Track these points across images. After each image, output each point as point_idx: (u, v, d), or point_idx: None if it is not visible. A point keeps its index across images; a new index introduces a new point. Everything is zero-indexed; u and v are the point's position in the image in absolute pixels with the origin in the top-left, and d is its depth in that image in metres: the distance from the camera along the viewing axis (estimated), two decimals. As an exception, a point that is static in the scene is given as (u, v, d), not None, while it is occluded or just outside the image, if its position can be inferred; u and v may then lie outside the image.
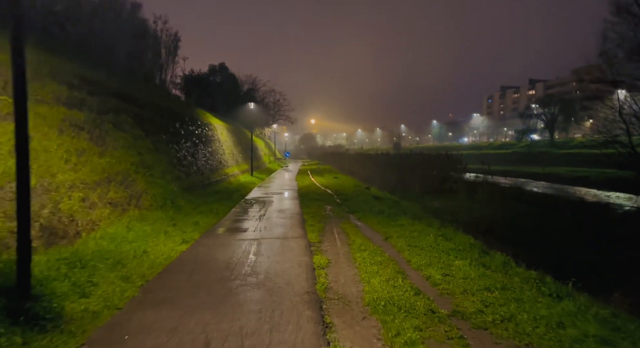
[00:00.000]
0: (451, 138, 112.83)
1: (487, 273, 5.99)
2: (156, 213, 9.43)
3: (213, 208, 11.77)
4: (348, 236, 8.63)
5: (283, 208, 12.87)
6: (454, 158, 33.60)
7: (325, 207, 13.17)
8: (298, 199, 15.18)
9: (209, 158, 19.67)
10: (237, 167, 25.40)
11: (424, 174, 30.65)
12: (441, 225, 10.07)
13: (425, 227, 9.30)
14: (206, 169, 18.28)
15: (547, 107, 76.64)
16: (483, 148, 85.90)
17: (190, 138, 17.57)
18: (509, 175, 46.92)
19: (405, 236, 8.40)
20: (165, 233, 8.23)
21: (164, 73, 24.98)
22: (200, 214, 10.75)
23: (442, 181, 28.71)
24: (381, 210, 12.20)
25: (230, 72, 38.80)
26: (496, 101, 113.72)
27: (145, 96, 14.92)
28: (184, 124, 17.50)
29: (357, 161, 45.34)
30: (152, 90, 19.26)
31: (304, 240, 8.24)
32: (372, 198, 16.59)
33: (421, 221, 10.53)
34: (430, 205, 20.39)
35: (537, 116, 76.84)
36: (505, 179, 40.29)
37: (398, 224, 9.81)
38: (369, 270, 6.10)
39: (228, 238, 8.33)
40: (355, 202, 14.69)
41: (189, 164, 15.96)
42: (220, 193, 15.90)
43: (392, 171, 34.79)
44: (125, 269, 5.84)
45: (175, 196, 11.23)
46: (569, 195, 30.52)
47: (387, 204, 14.10)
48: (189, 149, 16.75)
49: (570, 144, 69.29)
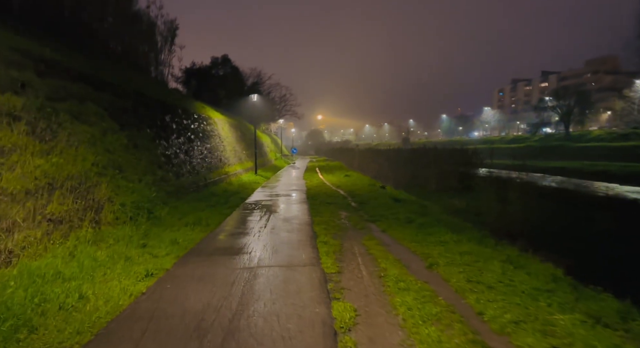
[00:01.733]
0: (461, 133, 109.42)
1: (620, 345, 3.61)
2: (122, 229, 7.15)
3: (203, 218, 9.47)
4: (375, 260, 6.27)
5: (289, 216, 10.53)
6: (470, 152, 31.23)
7: (340, 213, 10.83)
8: (307, 203, 12.84)
9: (207, 155, 17.39)
10: (239, 165, 23.12)
11: (441, 171, 28.24)
12: (496, 242, 7.63)
13: (478, 246, 6.90)
14: (202, 168, 16.01)
15: (562, 99, 73.16)
16: (495, 142, 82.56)
17: (183, 133, 15.30)
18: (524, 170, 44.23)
19: (456, 261, 6.02)
20: (127, 260, 5.94)
21: (160, 63, 22.76)
22: (184, 227, 8.45)
23: (461, 177, 26.35)
24: (409, 218, 9.81)
25: (234, 65, 36.43)
26: (507, 94, 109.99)
27: (127, 83, 12.65)
28: (177, 117, 15.22)
29: (367, 157, 42.90)
30: (144, 80, 17.01)
31: (316, 269, 5.88)
32: (392, 200, 14.21)
33: (463, 234, 8.15)
34: (450, 204, 18.00)
35: (552, 109, 73.45)
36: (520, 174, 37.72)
37: (438, 240, 7.41)
38: (423, 335, 3.75)
39: (212, 267, 6.00)
40: (374, 206, 12.33)
41: (181, 163, 13.69)
42: (216, 195, 13.62)
43: (405, 168, 32.45)
44: (27, 341, 3.56)
45: (155, 204, 8.94)
46: (595, 191, 27.89)
47: (412, 209, 11.71)
48: (181, 146, 14.47)
49: (588, 137, 66.32)
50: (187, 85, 34.56)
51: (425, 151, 36.25)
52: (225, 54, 35.78)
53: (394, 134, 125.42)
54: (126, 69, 17.16)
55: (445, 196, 21.06)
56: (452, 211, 17.42)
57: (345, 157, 49.97)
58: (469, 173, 28.34)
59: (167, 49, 23.03)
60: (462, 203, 19.04)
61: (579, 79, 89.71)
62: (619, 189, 28.10)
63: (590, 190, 28.48)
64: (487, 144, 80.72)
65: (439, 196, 21.10)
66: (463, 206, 18.50)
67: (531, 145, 70.11)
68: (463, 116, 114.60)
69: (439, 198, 20.10)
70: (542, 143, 68.90)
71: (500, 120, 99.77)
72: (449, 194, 21.87)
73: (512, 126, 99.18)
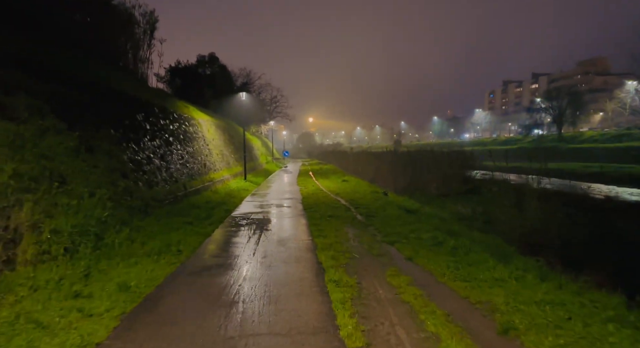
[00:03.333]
0: (452, 135, 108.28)
1: None
2: (49, 269, 4.97)
3: (174, 241, 7.30)
4: (416, 316, 4.19)
5: (284, 237, 8.40)
6: (468, 154, 29.61)
7: (346, 231, 8.76)
8: (304, 217, 10.72)
9: (188, 160, 15.18)
10: (227, 170, 20.90)
11: (442, 174, 26.40)
12: (566, 277, 5.58)
13: (555, 291, 4.87)
14: (183, 175, 13.81)
15: (554, 101, 72.30)
16: (487, 144, 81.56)
17: (160, 135, 13.10)
18: (518, 172, 42.91)
19: (539, 320, 3.97)
20: (37, 329, 3.77)
21: (138, 58, 20.42)
22: (146, 257, 6.28)
23: (463, 181, 24.56)
24: (435, 239, 7.76)
25: (222, 64, 34.09)
26: (498, 96, 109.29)
27: (85, 73, 10.44)
28: (152, 116, 13.01)
29: (362, 160, 40.99)
30: (119, 75, 14.74)
31: (332, 340, 3.78)
32: (402, 210, 12.21)
33: (512, 261, 6.15)
34: (454, 210, 16.14)
35: (545, 110, 72.56)
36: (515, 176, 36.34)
37: (491, 277, 5.36)
38: None
39: (171, 339, 3.86)
40: (384, 219, 10.29)
41: (155, 170, 11.48)
42: (197, 208, 11.43)
43: (403, 171, 30.64)
44: None
45: (109, 226, 6.75)
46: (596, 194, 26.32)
47: (433, 224, 9.68)
48: (156, 150, 12.27)
49: (580, 139, 65.67)
50: (172, 84, 32.25)
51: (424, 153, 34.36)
52: (213, 52, 33.52)
53: (386, 137, 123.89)
54: (99, 63, 14.90)
55: (448, 201, 19.18)
56: (458, 218, 15.59)
57: (338, 160, 48.03)
58: (470, 176, 26.49)
59: (145, 43, 20.76)
60: (466, 208, 17.10)
61: (569, 81, 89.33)
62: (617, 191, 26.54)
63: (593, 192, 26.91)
64: (479, 146, 79.61)
65: (441, 201, 19.22)
66: (469, 213, 16.61)
67: (524, 147, 69.01)
68: (454, 118, 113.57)
69: (441, 203, 18.22)
70: (535, 144, 67.94)
71: (492, 122, 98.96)
72: (451, 198, 19.97)
73: (503, 128, 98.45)
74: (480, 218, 14.89)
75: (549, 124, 76.92)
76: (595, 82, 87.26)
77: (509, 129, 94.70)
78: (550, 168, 50.18)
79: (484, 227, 13.11)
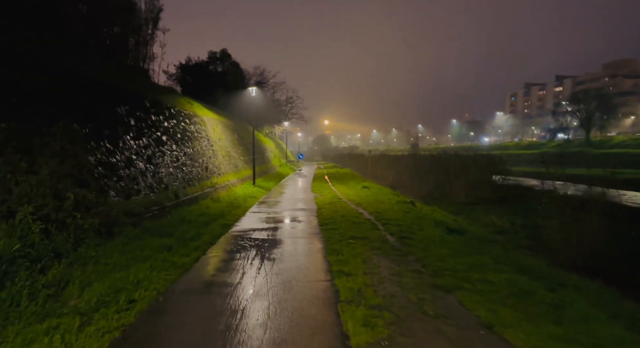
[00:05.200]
0: (472, 138, 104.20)
1: None
2: None
3: (130, 282, 4.94)
4: None
5: (292, 274, 5.91)
6: (497, 159, 26.69)
7: (377, 263, 6.25)
8: (320, 239, 8.23)
9: (185, 162, 12.93)
10: (234, 174, 18.63)
11: (470, 180, 23.56)
12: None
13: None
14: (177, 181, 11.55)
15: (581, 104, 68.03)
16: (510, 148, 77.60)
17: (148, 132, 10.87)
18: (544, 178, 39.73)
19: None
20: None
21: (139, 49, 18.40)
22: (71, 318, 3.93)
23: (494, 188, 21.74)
24: (514, 284, 5.19)
25: (234, 61, 31.93)
26: (520, 99, 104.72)
27: (47, 57, 8.26)
28: (139, 111, 10.80)
29: (381, 163, 38.31)
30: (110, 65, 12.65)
31: None
32: (443, 229, 9.62)
33: None
34: (489, 222, 13.46)
35: (572, 113, 68.41)
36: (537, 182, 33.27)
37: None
38: None
39: None
40: (425, 243, 7.75)
41: (137, 175, 9.22)
42: (188, 222, 9.10)
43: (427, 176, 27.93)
44: None
45: (19, 266, 4.42)
46: None
47: (491, 252, 7.10)
48: (142, 150, 10.03)
49: (610, 144, 61.35)
50: (182, 82, 30.36)
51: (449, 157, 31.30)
52: (225, 48, 31.44)
53: (402, 140, 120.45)
54: (84, 52, 12.83)
55: (478, 210, 16.46)
56: (495, 231, 13.10)
57: (355, 163, 45.52)
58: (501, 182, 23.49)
59: (147, 34, 18.70)
60: (502, 220, 14.28)
61: (596, 83, 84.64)
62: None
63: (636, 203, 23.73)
64: (501, 150, 75.73)
65: (470, 210, 16.54)
66: (506, 225, 13.90)
67: (549, 151, 65.19)
68: (474, 121, 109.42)
69: (472, 213, 15.57)
70: (561, 149, 64.03)
71: (513, 125, 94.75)
72: (482, 207, 17.22)
73: (525, 132, 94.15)
74: (521, 232, 12.26)
75: (575, 129, 72.70)
76: (625, 85, 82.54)
77: (531, 133, 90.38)
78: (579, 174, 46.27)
79: (527, 244, 10.71)
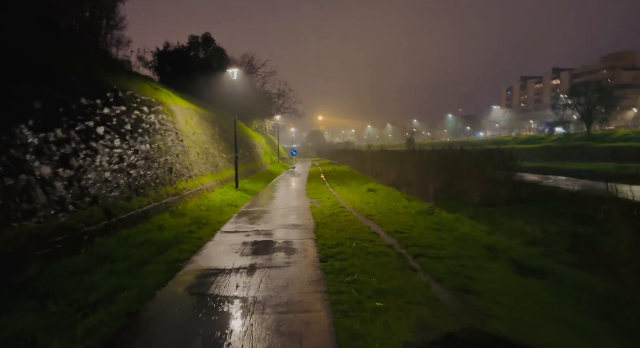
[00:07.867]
0: (469, 133, 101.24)
1: None
2: None
3: None
4: None
5: None
6: (507, 154, 23.48)
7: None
8: (323, 300, 4.81)
9: (136, 163, 9.44)
10: (212, 176, 15.14)
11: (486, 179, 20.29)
12: None
13: None
14: (116, 189, 8.08)
15: (581, 96, 65.31)
16: (508, 142, 74.87)
17: (72, 122, 7.37)
18: (546, 172, 37.00)
19: None
20: None
21: (95, 27, 14.81)
22: None
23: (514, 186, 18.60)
24: None
25: (218, 47, 28.20)
26: (516, 93, 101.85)
27: None
28: (58, 92, 7.28)
29: (383, 160, 34.83)
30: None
31: None
32: (510, 267, 6.29)
33: None
34: (514, 228, 10.24)
35: (573, 106, 65.64)
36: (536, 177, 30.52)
37: None
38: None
39: None
40: (496, 300, 4.43)
41: (28, 187, 5.74)
42: (112, 261, 5.67)
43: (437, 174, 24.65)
44: None
45: None
46: None
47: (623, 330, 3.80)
48: (50, 147, 6.54)
49: (612, 137, 58.57)
50: (160, 71, 26.67)
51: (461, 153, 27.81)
52: (207, 32, 27.69)
53: (397, 135, 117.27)
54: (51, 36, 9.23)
55: (497, 213, 13.23)
56: (527, 241, 9.75)
57: (352, 160, 42.08)
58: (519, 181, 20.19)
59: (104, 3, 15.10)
60: (532, 226, 10.98)
61: (594, 76, 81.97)
62: None
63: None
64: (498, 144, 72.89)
65: (488, 213, 13.28)
66: (538, 233, 10.57)
67: (549, 145, 62.43)
68: (470, 116, 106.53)
69: (490, 217, 12.34)
70: (561, 143, 61.30)
71: (510, 119, 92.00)
72: (502, 210, 14.00)
73: (522, 126, 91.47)
74: (559, 242, 9.06)
75: (575, 122, 70.08)
76: (623, 78, 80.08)
77: (529, 127, 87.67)
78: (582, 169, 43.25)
79: (571, 259, 7.60)
